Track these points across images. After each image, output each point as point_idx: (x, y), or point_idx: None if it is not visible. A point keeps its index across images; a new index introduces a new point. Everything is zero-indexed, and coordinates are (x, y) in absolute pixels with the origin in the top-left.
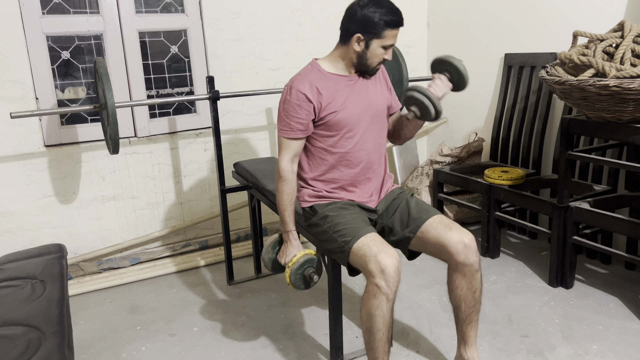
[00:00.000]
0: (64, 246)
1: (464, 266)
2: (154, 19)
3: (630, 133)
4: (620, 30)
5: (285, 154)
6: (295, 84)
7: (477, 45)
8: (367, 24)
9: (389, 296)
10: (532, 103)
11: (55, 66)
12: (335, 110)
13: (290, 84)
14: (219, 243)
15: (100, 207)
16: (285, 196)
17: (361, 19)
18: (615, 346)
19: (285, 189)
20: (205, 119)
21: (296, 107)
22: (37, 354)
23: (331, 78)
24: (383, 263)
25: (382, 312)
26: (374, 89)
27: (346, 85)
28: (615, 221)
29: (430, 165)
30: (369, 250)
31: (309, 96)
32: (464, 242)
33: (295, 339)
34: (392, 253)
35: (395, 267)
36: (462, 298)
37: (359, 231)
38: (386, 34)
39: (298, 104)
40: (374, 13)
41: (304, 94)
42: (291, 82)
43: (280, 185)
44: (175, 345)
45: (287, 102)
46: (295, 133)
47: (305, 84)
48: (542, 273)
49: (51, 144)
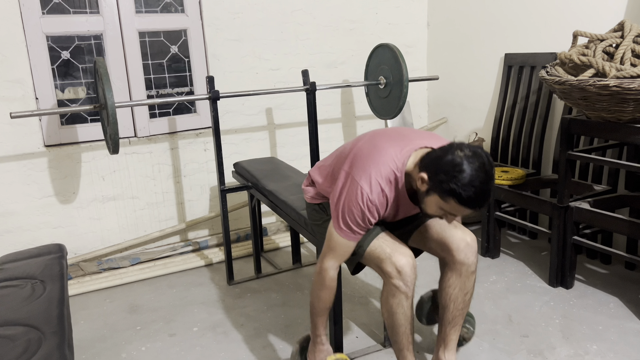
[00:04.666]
0: (64, 246)
1: (462, 265)
2: (154, 19)
3: (630, 133)
4: (620, 30)
5: (333, 254)
6: (373, 191)
7: (477, 45)
8: (440, 176)
9: (407, 294)
10: (532, 103)
11: (55, 66)
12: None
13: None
14: (219, 243)
15: (100, 207)
16: (322, 304)
17: (441, 164)
18: (615, 346)
19: (325, 297)
20: (205, 119)
21: (366, 212)
22: (37, 354)
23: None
24: (399, 264)
25: (403, 309)
26: None
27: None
28: (615, 221)
29: None
30: (382, 252)
31: (380, 212)
32: (466, 241)
33: (295, 339)
34: (406, 252)
35: (411, 266)
36: (452, 298)
37: (370, 233)
38: (450, 202)
39: (369, 210)
40: (456, 174)
41: (377, 209)
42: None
43: (320, 293)
44: (175, 345)
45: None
46: (356, 236)
47: (380, 198)
48: (542, 273)
49: (51, 144)
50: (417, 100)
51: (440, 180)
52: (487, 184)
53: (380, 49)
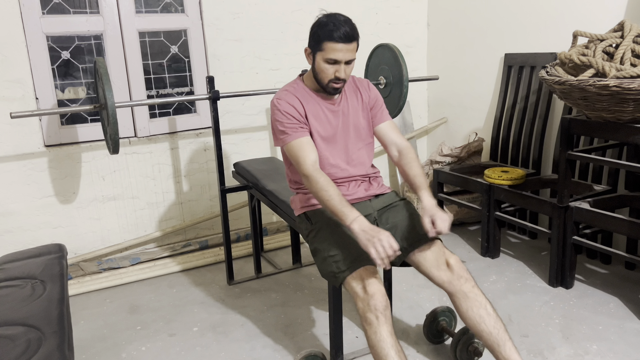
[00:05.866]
0: (64, 246)
1: (460, 292)
2: (154, 19)
3: (630, 133)
4: (620, 30)
5: (301, 160)
6: (281, 96)
7: (477, 45)
8: (311, 35)
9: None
10: (532, 103)
11: (55, 66)
12: (315, 129)
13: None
14: (219, 243)
15: (100, 207)
16: (333, 195)
17: (311, 31)
18: (615, 346)
19: (331, 190)
20: (205, 119)
21: (281, 109)
22: (37, 354)
23: (313, 96)
24: (369, 290)
25: (380, 336)
26: (354, 111)
27: (327, 106)
28: (615, 221)
29: (430, 165)
30: (356, 286)
31: (296, 107)
32: (451, 281)
33: (295, 339)
34: (378, 285)
35: (381, 293)
36: (478, 319)
37: (352, 262)
38: (325, 47)
39: (287, 111)
40: (318, 25)
41: (291, 104)
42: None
43: (324, 192)
44: (175, 345)
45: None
46: (296, 133)
47: (290, 97)
48: (542, 273)
49: (51, 144)
50: (417, 100)
51: (313, 36)
52: (346, 21)
53: (380, 49)
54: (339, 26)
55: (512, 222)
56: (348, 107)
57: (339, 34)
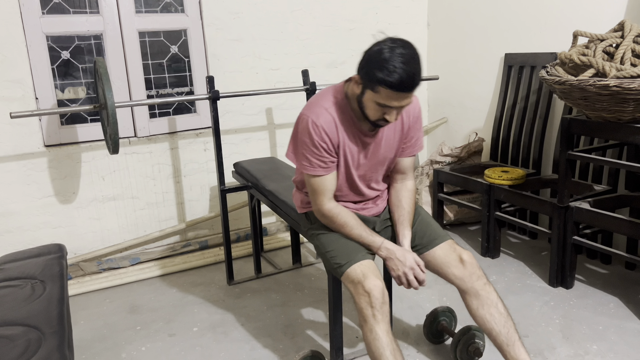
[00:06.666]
0: (64, 246)
1: (472, 289)
2: (154, 18)
3: (630, 133)
4: (621, 30)
5: (319, 195)
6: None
7: (477, 45)
8: (364, 66)
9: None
10: (532, 103)
11: (55, 66)
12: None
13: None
14: (219, 243)
15: (100, 207)
16: (352, 225)
17: (364, 59)
18: (615, 346)
19: (349, 222)
20: (205, 119)
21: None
22: (37, 354)
23: (353, 124)
24: (367, 286)
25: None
26: (387, 144)
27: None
28: (615, 221)
29: (431, 165)
30: (355, 276)
31: (331, 137)
32: (463, 278)
33: (295, 339)
34: (377, 279)
35: (380, 289)
36: (488, 317)
37: (351, 257)
38: (380, 91)
39: (320, 143)
40: (376, 60)
41: (327, 134)
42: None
43: (343, 226)
44: (175, 345)
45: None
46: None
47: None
48: (542, 273)
49: (51, 144)
50: None
51: (367, 72)
52: (409, 64)
53: None
54: (402, 71)
55: (512, 222)
56: (382, 139)
57: (399, 83)
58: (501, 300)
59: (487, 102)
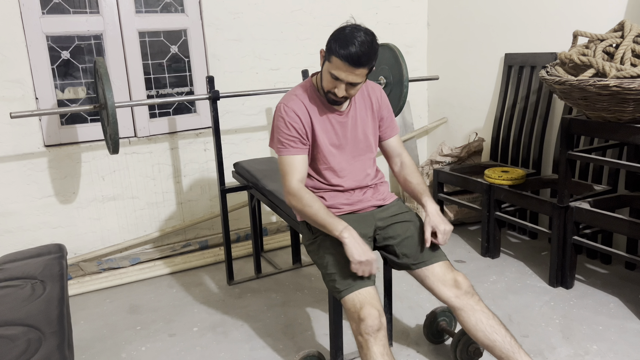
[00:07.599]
0: (64, 246)
1: (467, 305)
2: (154, 18)
3: (630, 133)
4: (621, 30)
5: (289, 176)
6: (289, 102)
7: (477, 45)
8: (328, 40)
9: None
10: (532, 103)
11: (55, 66)
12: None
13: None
14: (219, 243)
15: (100, 207)
16: (319, 211)
17: (330, 35)
18: (615, 346)
19: (316, 205)
20: (205, 119)
21: (286, 119)
22: (37, 354)
23: (322, 104)
24: (363, 314)
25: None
26: (363, 122)
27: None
28: (615, 221)
29: (431, 165)
30: (353, 305)
31: (302, 117)
32: (458, 296)
33: (295, 339)
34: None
35: (375, 316)
36: (489, 329)
37: (351, 284)
38: (333, 60)
39: (290, 122)
40: (337, 34)
41: (297, 114)
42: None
43: (309, 208)
44: (175, 345)
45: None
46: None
47: (297, 105)
48: (542, 273)
49: (51, 144)
50: (417, 100)
51: (328, 45)
52: (363, 45)
53: (380, 49)
54: (353, 46)
55: (512, 222)
56: (356, 117)
57: (348, 54)
58: (496, 315)
59: (487, 102)
